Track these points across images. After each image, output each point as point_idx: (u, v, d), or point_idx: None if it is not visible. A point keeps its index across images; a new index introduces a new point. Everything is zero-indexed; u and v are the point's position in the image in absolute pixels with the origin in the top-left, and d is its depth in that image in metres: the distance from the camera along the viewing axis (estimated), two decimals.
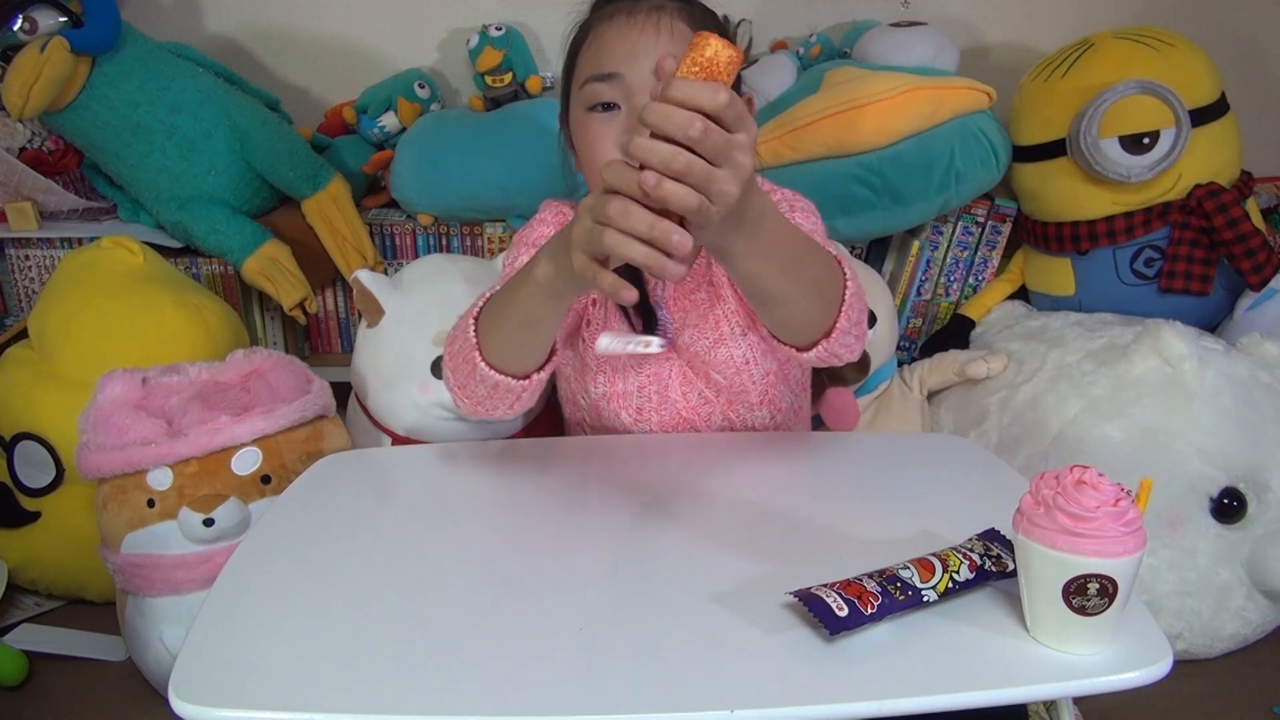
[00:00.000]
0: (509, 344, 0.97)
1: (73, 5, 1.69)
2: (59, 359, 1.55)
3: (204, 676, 0.69)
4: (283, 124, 1.86)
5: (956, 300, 1.91)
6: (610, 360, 1.16)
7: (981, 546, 0.80)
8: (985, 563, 0.78)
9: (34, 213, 1.83)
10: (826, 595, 0.73)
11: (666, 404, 1.16)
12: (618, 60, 1.03)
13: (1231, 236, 1.63)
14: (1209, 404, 1.45)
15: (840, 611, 0.72)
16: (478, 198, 1.84)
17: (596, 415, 1.19)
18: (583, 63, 1.08)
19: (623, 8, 1.06)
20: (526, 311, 0.92)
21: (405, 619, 0.76)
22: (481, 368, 0.97)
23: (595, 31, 1.07)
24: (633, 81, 1.03)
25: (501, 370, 0.97)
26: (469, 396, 1.02)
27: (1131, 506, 0.70)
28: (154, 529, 1.32)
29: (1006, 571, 0.78)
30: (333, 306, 1.95)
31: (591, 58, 1.06)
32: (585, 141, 1.07)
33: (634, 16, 1.05)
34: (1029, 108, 1.77)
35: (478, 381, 0.99)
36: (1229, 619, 1.46)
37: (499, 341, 0.97)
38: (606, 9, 1.08)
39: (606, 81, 1.03)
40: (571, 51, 1.12)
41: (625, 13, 1.05)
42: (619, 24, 1.05)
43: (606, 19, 1.07)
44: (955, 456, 1.10)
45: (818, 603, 0.72)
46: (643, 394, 1.16)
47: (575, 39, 1.12)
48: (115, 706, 1.42)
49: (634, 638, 0.74)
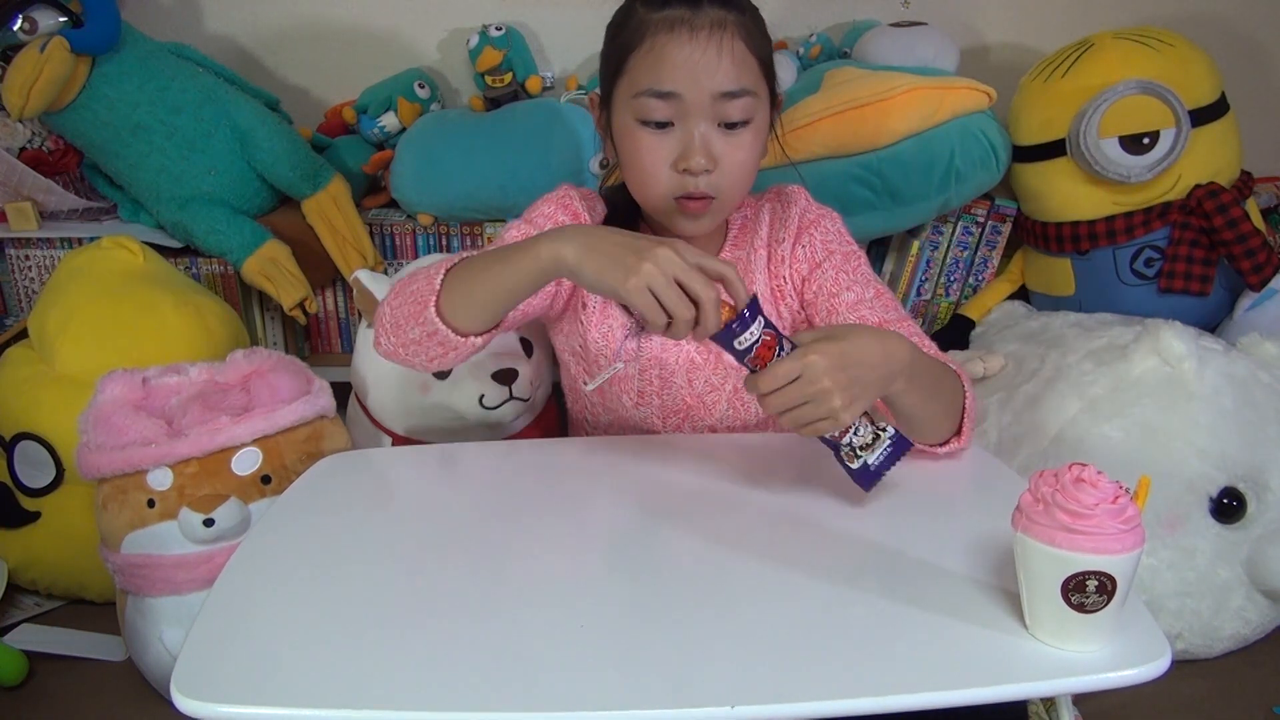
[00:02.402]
0: (473, 302, 0.97)
1: (73, 5, 1.69)
2: (59, 359, 1.55)
3: (206, 672, 0.69)
4: (283, 124, 1.86)
5: (956, 300, 1.91)
6: (611, 347, 1.16)
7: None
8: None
9: (34, 213, 1.83)
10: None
11: (669, 389, 1.16)
12: (678, 79, 1.02)
13: (1231, 237, 1.63)
14: (1208, 404, 1.45)
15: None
16: (478, 198, 1.84)
17: (599, 396, 1.19)
18: (637, 70, 1.05)
19: (684, 19, 1.03)
20: (511, 279, 0.94)
21: (406, 618, 0.76)
22: (430, 313, 0.97)
23: (654, 39, 1.04)
24: (691, 102, 1.03)
25: (447, 322, 0.97)
26: (397, 335, 1.01)
27: (1130, 504, 0.70)
28: (154, 529, 1.32)
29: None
30: (333, 306, 1.95)
31: (649, 69, 1.04)
32: (634, 152, 1.07)
33: (696, 33, 1.02)
34: (1029, 108, 1.77)
35: (417, 324, 0.98)
36: (1228, 619, 1.46)
37: (463, 298, 0.96)
38: (664, 14, 1.04)
39: (664, 99, 1.03)
40: (620, 45, 1.07)
41: (687, 26, 1.03)
42: (680, 38, 1.02)
43: (666, 29, 1.03)
44: (955, 457, 1.10)
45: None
46: (644, 378, 1.16)
47: (626, 33, 1.07)
48: (115, 706, 1.42)
49: (635, 634, 0.74)
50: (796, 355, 0.86)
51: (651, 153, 1.05)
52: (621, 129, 1.08)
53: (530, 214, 1.18)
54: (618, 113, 1.09)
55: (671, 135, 1.05)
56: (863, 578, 0.81)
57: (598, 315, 1.17)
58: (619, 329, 1.16)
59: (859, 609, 0.77)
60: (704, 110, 1.04)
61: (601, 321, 1.17)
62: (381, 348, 1.03)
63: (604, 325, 1.17)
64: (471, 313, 0.97)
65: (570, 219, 1.16)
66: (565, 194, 1.19)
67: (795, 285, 1.20)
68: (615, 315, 1.16)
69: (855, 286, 1.17)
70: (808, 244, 1.19)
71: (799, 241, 1.19)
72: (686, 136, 1.04)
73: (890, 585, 0.80)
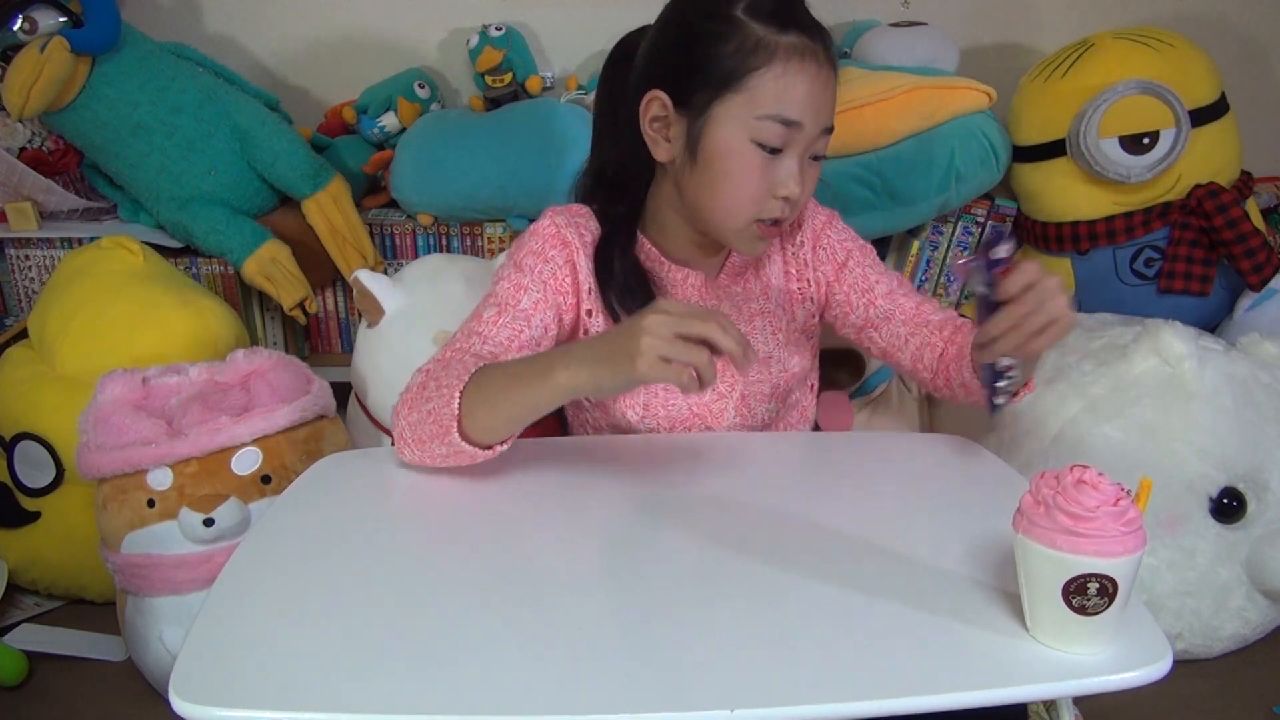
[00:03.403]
0: (495, 424, 0.96)
1: (73, 5, 1.69)
2: (59, 359, 1.55)
3: (204, 676, 0.69)
4: (283, 124, 1.86)
5: (956, 300, 1.91)
6: None
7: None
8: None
9: (34, 213, 1.83)
10: None
11: (674, 398, 1.16)
12: (804, 110, 1.02)
13: (1231, 237, 1.63)
14: (1208, 404, 1.45)
15: None
16: (478, 198, 1.84)
17: (603, 412, 1.19)
18: (763, 91, 1.02)
19: (810, 50, 1.02)
20: (530, 402, 0.95)
21: (405, 618, 0.76)
22: (454, 437, 0.95)
23: (786, 65, 1.01)
24: (806, 134, 1.03)
25: (472, 442, 0.97)
26: (422, 450, 0.99)
27: (1131, 506, 0.70)
28: (154, 529, 1.33)
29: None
30: (333, 306, 1.95)
31: (778, 94, 1.01)
32: (740, 172, 1.05)
33: (821, 67, 1.03)
34: (1029, 108, 1.77)
35: (441, 444, 0.97)
36: (1228, 619, 1.46)
37: (485, 421, 0.96)
38: (791, 39, 1.01)
39: (787, 127, 1.02)
40: (736, 59, 1.02)
41: (813, 58, 1.02)
42: (809, 69, 1.02)
43: (797, 56, 1.01)
44: (955, 456, 1.10)
45: None
46: (649, 390, 1.16)
47: (742, 47, 1.02)
48: (115, 706, 1.42)
49: (634, 637, 0.74)
50: (1032, 267, 0.93)
51: (761, 175, 1.04)
52: (725, 144, 1.04)
53: (519, 256, 1.13)
54: (720, 124, 1.04)
55: (777, 161, 1.04)
56: (862, 579, 0.81)
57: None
58: None
59: (859, 611, 0.77)
60: (811, 142, 1.05)
61: None
62: (407, 458, 1.02)
63: None
64: (495, 432, 0.97)
65: (560, 250, 1.11)
66: (551, 225, 1.13)
67: (819, 288, 1.21)
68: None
69: (882, 277, 1.21)
70: (827, 246, 1.21)
71: (818, 244, 1.21)
72: (790, 165, 1.04)
73: (890, 587, 0.80)
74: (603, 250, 1.12)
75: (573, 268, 1.11)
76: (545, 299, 1.10)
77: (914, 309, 1.19)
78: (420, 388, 1.01)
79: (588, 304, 1.13)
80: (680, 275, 1.15)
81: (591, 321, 1.14)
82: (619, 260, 1.12)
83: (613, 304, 1.12)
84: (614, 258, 1.12)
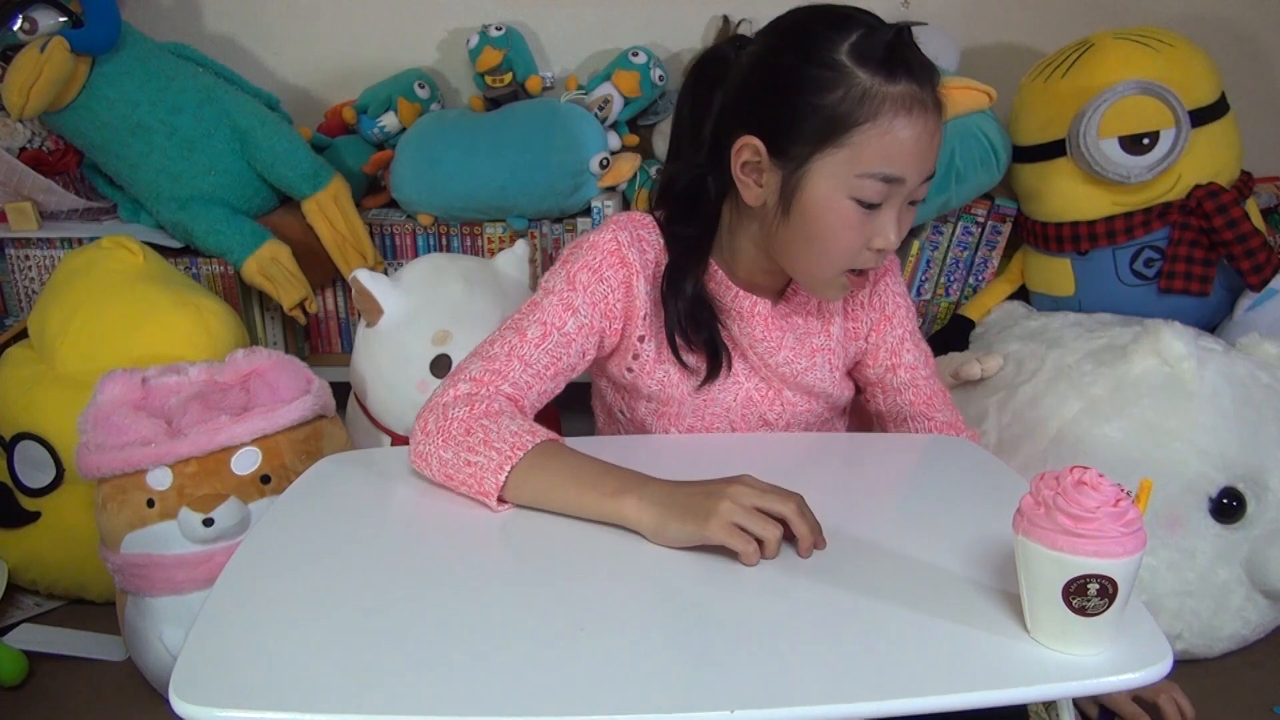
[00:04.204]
0: (532, 502, 0.93)
1: (73, 5, 1.69)
2: (59, 359, 1.55)
3: (204, 676, 0.69)
4: (283, 124, 1.86)
5: (956, 300, 1.91)
6: (666, 393, 1.14)
7: None
8: None
9: (34, 213, 1.83)
10: None
11: (721, 426, 1.16)
12: (907, 165, 0.97)
13: (1231, 237, 1.63)
14: (1208, 404, 1.45)
15: None
16: (478, 198, 1.84)
17: (639, 429, 1.17)
18: (867, 148, 0.96)
19: (917, 98, 0.96)
20: (581, 509, 0.91)
21: (406, 619, 0.76)
22: (491, 501, 0.93)
23: (893, 120, 0.95)
24: (908, 186, 0.99)
25: (500, 499, 0.94)
26: (443, 478, 0.96)
27: (1131, 507, 0.70)
28: (154, 529, 1.33)
29: None
30: (333, 306, 1.95)
31: (882, 151, 0.96)
32: (837, 229, 0.99)
33: (927, 114, 0.97)
34: (1029, 108, 1.77)
35: (468, 489, 0.94)
36: (1228, 619, 1.46)
37: (525, 498, 0.93)
38: (899, 89, 0.95)
39: (889, 184, 0.97)
40: (840, 112, 0.96)
41: (920, 106, 0.96)
42: (916, 121, 0.96)
43: (904, 109, 0.95)
44: (954, 456, 1.10)
45: None
46: (697, 415, 1.15)
47: (846, 99, 0.95)
48: (115, 706, 1.42)
49: (634, 638, 0.74)
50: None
51: (858, 232, 1.00)
52: (824, 200, 0.98)
53: (573, 269, 1.07)
54: (818, 180, 0.98)
55: (875, 214, 0.99)
56: (862, 579, 0.81)
57: (651, 363, 1.12)
58: (675, 373, 1.12)
59: (859, 611, 0.77)
60: (912, 192, 1.00)
61: (656, 368, 1.12)
62: (421, 471, 0.98)
63: (659, 372, 1.13)
64: (528, 503, 0.94)
65: (618, 270, 1.07)
66: (612, 240, 1.07)
67: (864, 330, 1.19)
68: (669, 364, 1.12)
69: (913, 350, 1.20)
70: (882, 293, 1.19)
71: (875, 289, 1.18)
72: (889, 216, 0.99)
73: (890, 587, 0.80)
74: (672, 273, 1.08)
75: (627, 290, 1.07)
76: (591, 324, 1.06)
77: (924, 402, 1.20)
78: (465, 431, 0.95)
79: (640, 330, 1.09)
80: (749, 304, 1.11)
81: (643, 347, 1.11)
82: (690, 285, 1.08)
83: (674, 329, 1.09)
84: (684, 282, 1.08)
